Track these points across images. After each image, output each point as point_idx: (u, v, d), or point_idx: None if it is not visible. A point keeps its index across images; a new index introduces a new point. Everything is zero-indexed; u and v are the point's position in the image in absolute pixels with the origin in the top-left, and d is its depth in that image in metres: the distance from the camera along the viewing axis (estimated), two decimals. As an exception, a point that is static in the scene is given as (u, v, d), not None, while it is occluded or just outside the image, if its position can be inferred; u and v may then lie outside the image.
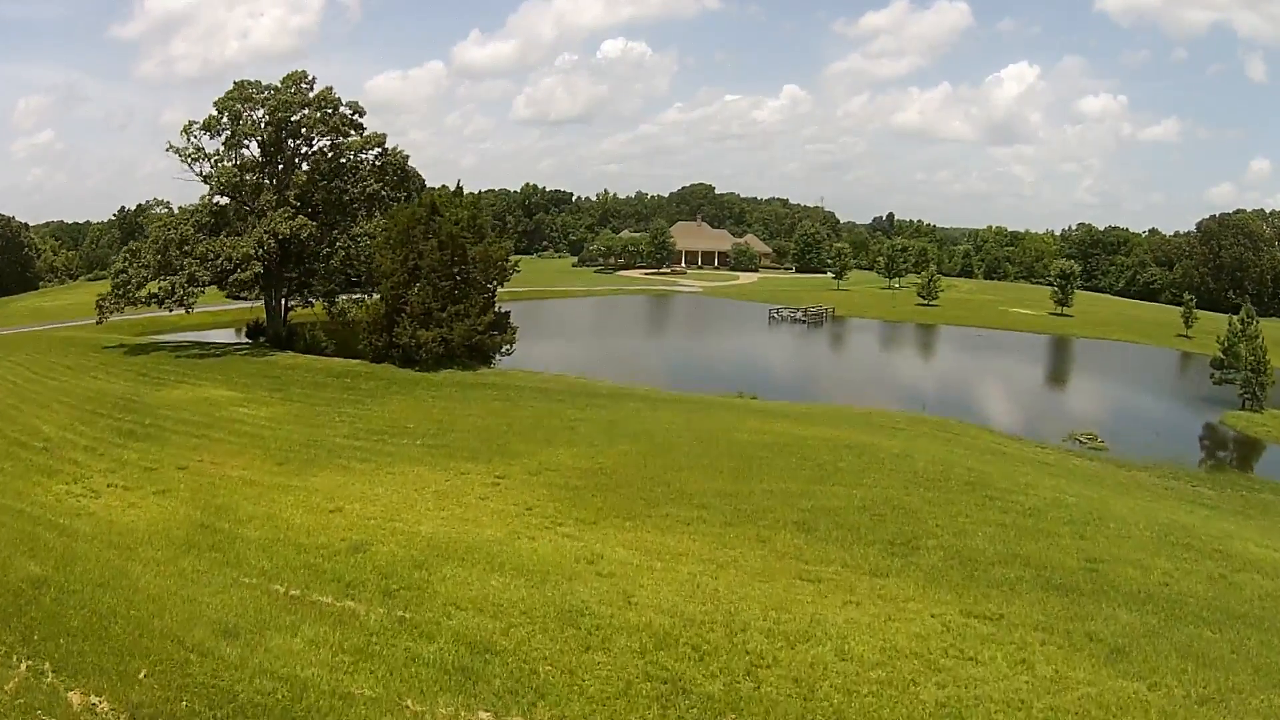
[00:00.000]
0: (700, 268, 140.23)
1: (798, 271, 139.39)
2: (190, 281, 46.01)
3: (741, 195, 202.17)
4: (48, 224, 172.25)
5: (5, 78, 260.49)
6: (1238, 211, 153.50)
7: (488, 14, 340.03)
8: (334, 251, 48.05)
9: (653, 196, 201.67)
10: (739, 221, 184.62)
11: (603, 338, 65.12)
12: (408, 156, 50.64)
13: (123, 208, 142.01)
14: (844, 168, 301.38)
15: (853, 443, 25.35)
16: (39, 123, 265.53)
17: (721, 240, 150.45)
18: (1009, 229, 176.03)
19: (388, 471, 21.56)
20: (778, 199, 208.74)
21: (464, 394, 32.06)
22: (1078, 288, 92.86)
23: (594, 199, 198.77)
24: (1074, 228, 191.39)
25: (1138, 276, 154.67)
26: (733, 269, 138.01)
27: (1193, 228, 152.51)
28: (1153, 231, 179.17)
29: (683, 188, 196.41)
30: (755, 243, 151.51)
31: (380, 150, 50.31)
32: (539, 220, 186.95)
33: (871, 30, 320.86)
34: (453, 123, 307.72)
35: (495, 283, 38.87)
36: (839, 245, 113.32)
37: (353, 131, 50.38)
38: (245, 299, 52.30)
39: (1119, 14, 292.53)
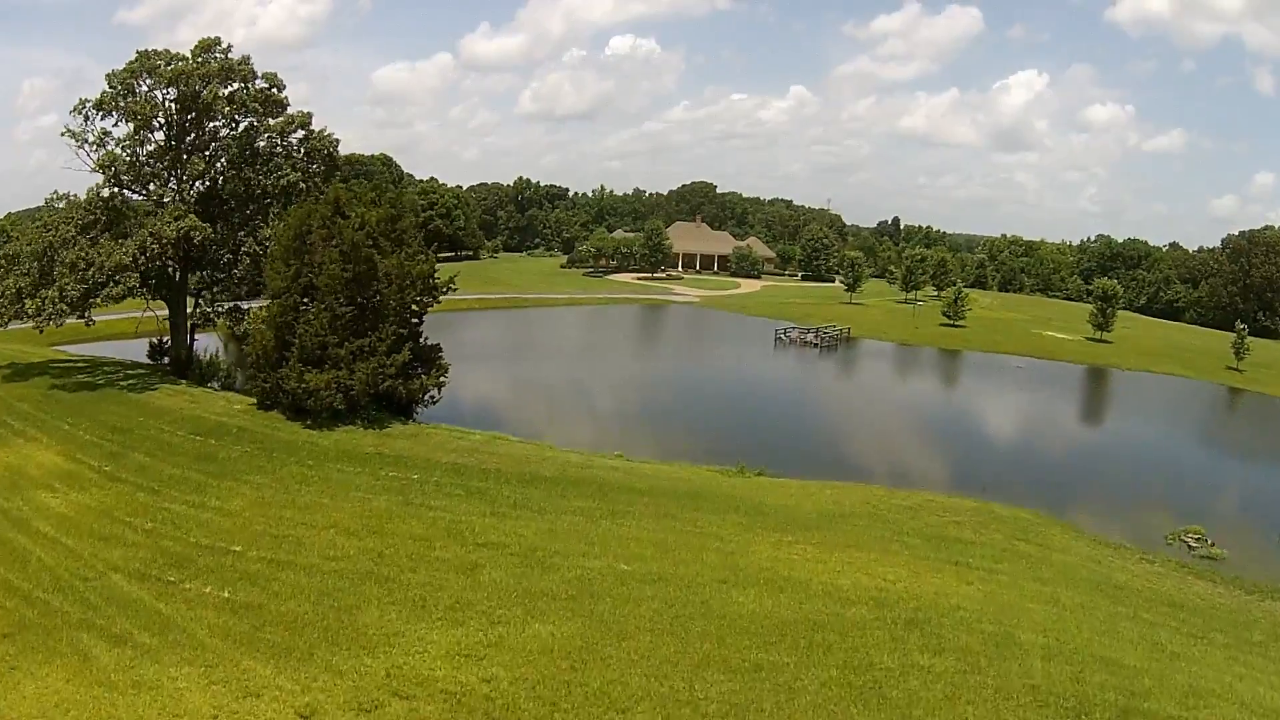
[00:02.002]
0: (699, 272, 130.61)
1: (804, 279, 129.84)
2: (61, 297, 36.47)
3: (744, 195, 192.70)
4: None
5: (10, 60, 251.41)
6: (1266, 228, 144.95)
7: (498, 7, 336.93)
8: (238, 258, 38.61)
9: (651, 194, 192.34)
10: (741, 223, 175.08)
11: (574, 365, 54.24)
12: (338, 141, 41.21)
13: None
14: (847, 170, 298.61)
15: (919, 607, 16.00)
16: (43, 106, 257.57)
17: (722, 243, 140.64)
18: (1023, 238, 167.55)
19: (135, 678, 12.77)
20: (782, 200, 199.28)
21: (348, 476, 22.66)
22: (1120, 308, 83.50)
23: (590, 195, 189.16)
24: (1092, 239, 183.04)
25: (1160, 294, 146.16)
26: (733, 274, 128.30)
27: (1197, 240, 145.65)
28: (1174, 245, 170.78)
29: (683, 186, 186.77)
30: (758, 246, 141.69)
31: (304, 133, 40.81)
32: (532, 216, 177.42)
33: (881, 33, 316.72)
34: (458, 115, 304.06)
35: (418, 307, 29.35)
36: (852, 254, 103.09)
37: (279, 110, 41.02)
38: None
39: (1129, 24, 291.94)
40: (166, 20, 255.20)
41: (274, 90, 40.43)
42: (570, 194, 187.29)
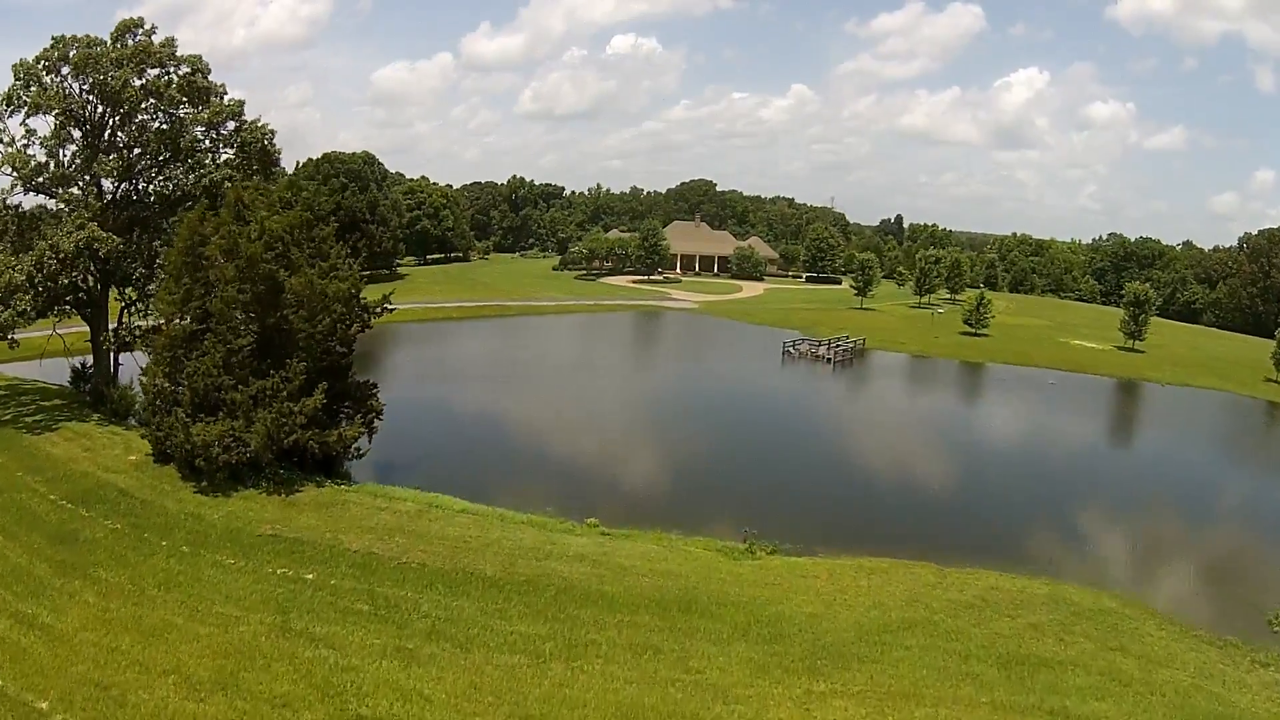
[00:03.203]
0: (698, 273, 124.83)
1: (809, 281, 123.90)
2: None
3: (745, 194, 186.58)
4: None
5: (9, 62, 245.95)
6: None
7: (499, 7, 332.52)
8: (152, 271, 32.98)
9: (649, 193, 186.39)
10: (741, 222, 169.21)
11: (548, 391, 46.96)
12: (273, 132, 35.51)
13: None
14: (847, 168, 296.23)
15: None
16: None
17: (722, 243, 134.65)
18: (1032, 237, 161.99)
19: None
20: (783, 198, 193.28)
21: (224, 576, 16.98)
22: (1153, 314, 77.75)
23: (586, 194, 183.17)
24: (1104, 237, 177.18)
25: (1177, 294, 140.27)
26: (734, 276, 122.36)
27: (1198, 237, 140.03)
28: (1187, 244, 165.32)
29: (681, 184, 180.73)
30: (760, 246, 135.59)
31: (236, 124, 35.19)
32: (527, 216, 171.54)
33: (883, 32, 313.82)
34: (458, 115, 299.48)
35: (341, 335, 23.52)
36: (863, 256, 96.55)
37: (205, 98, 35.43)
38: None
39: (1130, 22, 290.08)
40: (167, 20, 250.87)
41: (198, 76, 34.80)
42: (566, 193, 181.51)
